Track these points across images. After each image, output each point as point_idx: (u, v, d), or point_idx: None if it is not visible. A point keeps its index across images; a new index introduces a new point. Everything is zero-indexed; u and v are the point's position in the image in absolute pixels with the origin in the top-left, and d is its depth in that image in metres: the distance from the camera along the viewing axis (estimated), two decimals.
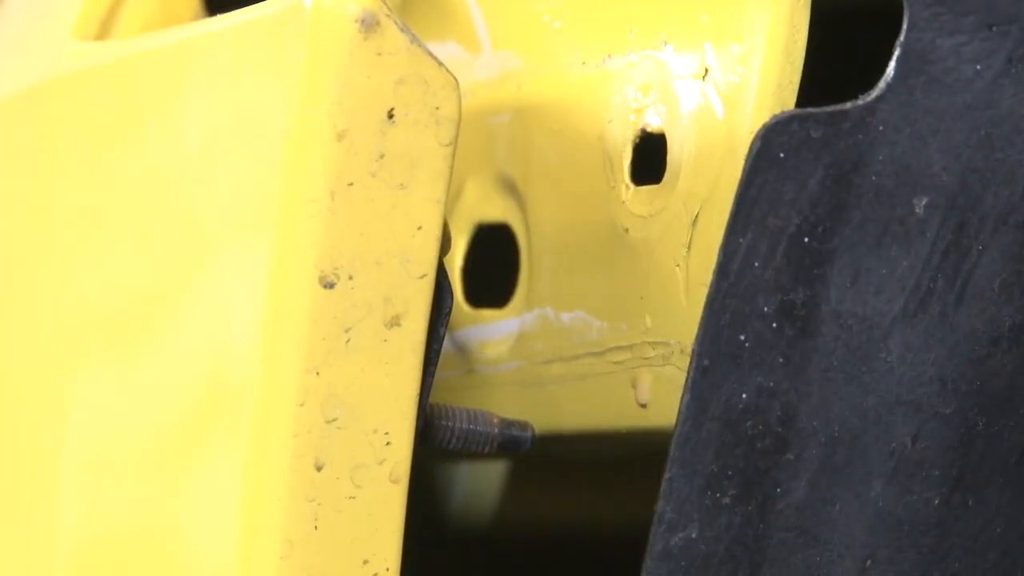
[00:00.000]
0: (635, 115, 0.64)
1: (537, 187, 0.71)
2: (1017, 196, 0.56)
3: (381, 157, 0.51)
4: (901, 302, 0.55)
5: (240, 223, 0.56)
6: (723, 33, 0.61)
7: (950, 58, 0.55)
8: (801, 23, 0.57)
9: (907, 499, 0.56)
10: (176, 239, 0.60)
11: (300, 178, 0.51)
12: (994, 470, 0.57)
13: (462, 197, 0.75)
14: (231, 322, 0.55)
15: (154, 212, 0.62)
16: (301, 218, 0.51)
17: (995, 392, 0.57)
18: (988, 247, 0.56)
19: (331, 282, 0.51)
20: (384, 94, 0.51)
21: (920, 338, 0.55)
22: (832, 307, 0.55)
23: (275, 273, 0.52)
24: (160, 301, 0.61)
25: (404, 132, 0.51)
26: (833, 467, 0.55)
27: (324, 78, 0.51)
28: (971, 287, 0.56)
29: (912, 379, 0.56)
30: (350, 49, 0.51)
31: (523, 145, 0.72)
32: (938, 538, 0.57)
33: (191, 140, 0.60)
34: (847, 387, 0.55)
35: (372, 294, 0.51)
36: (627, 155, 0.65)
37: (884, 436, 0.55)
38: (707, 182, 0.59)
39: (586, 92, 0.68)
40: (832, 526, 0.55)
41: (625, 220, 0.64)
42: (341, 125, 0.51)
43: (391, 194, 0.51)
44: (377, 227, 0.51)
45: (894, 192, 0.55)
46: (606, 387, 0.65)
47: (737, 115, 0.59)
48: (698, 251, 0.59)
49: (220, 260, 0.57)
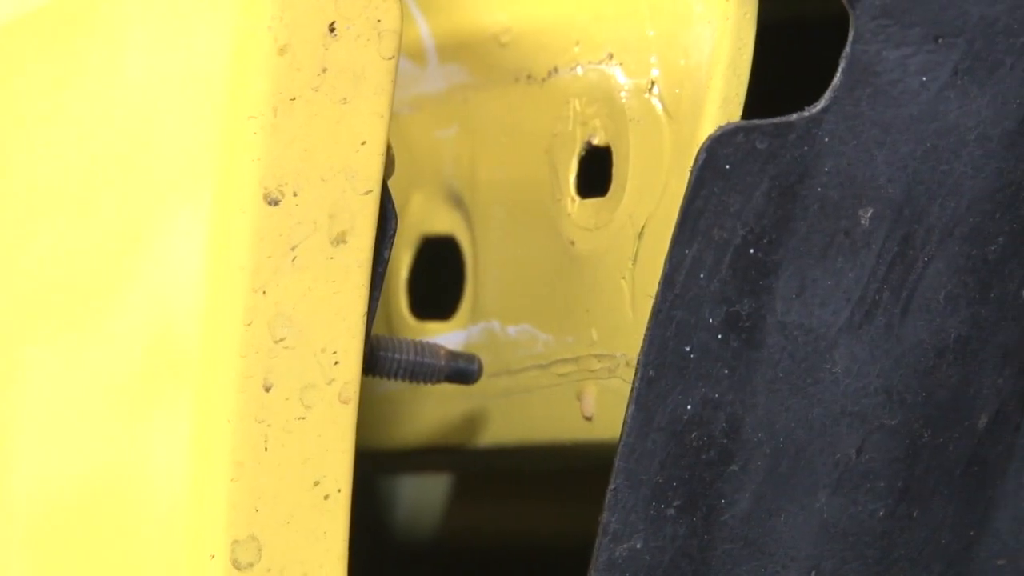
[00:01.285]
0: (581, 128, 0.64)
1: (483, 200, 0.70)
2: (963, 208, 0.56)
3: (323, 71, 0.50)
4: (847, 313, 0.55)
5: (185, 144, 0.55)
6: (669, 46, 0.61)
7: (896, 70, 0.55)
8: (747, 36, 0.57)
9: (852, 510, 0.56)
10: (123, 166, 0.59)
11: (242, 94, 0.51)
12: (939, 482, 0.57)
13: (408, 209, 0.74)
14: (177, 245, 0.54)
15: (101, 140, 0.61)
16: (244, 135, 0.50)
17: (940, 404, 0.57)
18: (934, 259, 0.56)
19: (275, 199, 0.50)
20: (325, 8, 0.50)
21: (866, 350, 0.55)
22: (778, 319, 0.55)
23: (219, 192, 0.51)
24: (108, 231, 0.59)
25: (346, 46, 0.51)
26: (778, 478, 0.55)
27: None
28: (916, 299, 0.56)
29: (857, 390, 0.55)
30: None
31: (470, 158, 0.71)
32: (883, 549, 0.56)
33: (132, 66, 0.59)
34: (792, 398, 0.55)
35: (317, 211, 0.51)
36: (572, 168, 0.65)
37: (829, 447, 0.55)
38: (653, 195, 0.59)
39: (532, 105, 0.68)
40: (777, 537, 0.55)
41: (571, 233, 0.64)
42: (282, 39, 0.50)
43: (334, 109, 0.51)
44: (321, 142, 0.51)
45: (839, 203, 0.55)
46: (551, 400, 0.64)
47: (683, 128, 0.59)
48: (644, 264, 0.59)
49: (166, 184, 0.56)
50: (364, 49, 0.51)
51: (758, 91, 0.58)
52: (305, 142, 0.50)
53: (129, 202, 0.58)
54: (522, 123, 0.68)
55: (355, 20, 0.51)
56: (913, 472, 0.56)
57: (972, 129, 0.56)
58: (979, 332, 0.57)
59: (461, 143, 0.72)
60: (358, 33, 0.51)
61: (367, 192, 0.52)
